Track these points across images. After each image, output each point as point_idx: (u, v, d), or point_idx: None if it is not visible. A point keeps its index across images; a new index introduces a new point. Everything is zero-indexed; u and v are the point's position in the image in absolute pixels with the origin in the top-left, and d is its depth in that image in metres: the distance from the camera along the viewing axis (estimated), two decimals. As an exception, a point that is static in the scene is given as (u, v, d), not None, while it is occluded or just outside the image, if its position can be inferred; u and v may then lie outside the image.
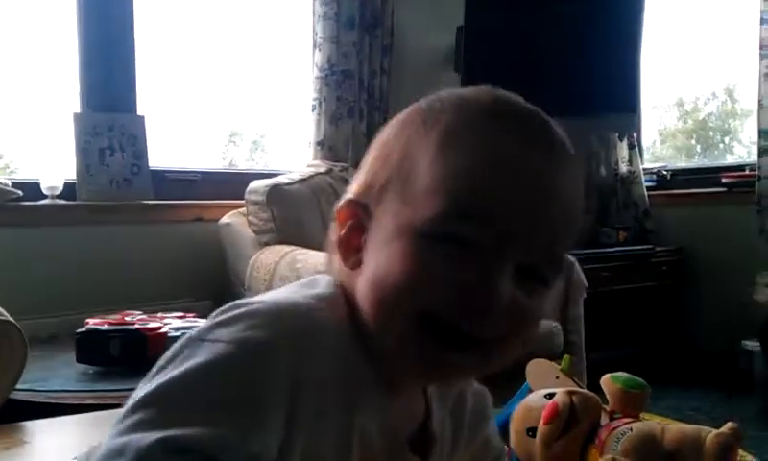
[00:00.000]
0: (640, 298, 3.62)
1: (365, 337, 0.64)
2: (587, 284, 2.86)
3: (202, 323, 1.80)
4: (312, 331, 0.61)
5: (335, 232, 0.68)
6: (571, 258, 2.86)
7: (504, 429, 1.58)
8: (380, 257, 0.63)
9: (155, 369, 0.57)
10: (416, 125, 0.66)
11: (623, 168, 3.95)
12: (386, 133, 0.69)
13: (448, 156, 0.62)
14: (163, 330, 1.85)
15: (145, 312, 2.04)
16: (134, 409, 0.53)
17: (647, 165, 4.03)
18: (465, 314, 0.60)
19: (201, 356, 0.56)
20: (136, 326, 1.86)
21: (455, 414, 0.76)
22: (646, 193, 3.91)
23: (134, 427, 0.51)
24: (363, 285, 0.64)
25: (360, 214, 0.66)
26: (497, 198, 0.60)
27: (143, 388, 0.55)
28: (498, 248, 0.60)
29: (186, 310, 2.14)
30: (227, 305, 0.62)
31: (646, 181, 3.94)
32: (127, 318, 1.94)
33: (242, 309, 0.60)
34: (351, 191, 0.69)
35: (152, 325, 1.87)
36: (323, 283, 0.68)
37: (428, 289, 0.60)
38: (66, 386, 1.72)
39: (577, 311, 2.82)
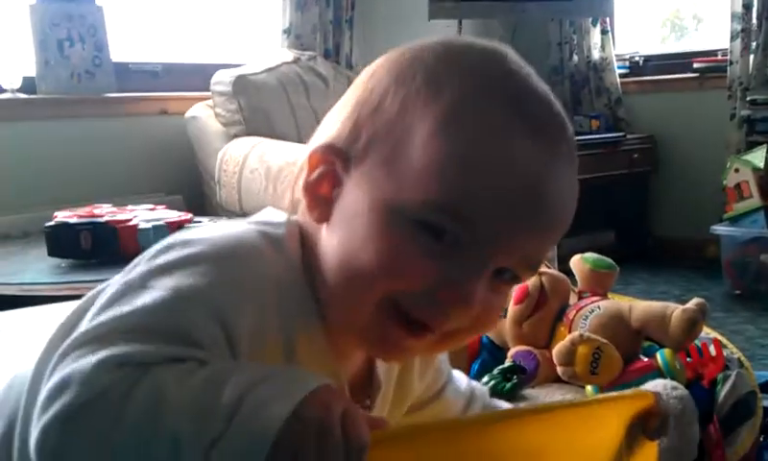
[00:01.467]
0: (612, 185, 3.65)
1: (314, 287, 0.62)
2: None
3: (172, 213, 1.76)
4: (251, 278, 0.58)
5: (303, 174, 0.62)
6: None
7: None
8: (355, 228, 0.58)
9: (89, 315, 0.55)
10: (416, 87, 0.59)
11: (595, 55, 3.91)
12: (377, 77, 0.62)
13: (446, 140, 0.56)
14: (133, 223, 1.83)
15: (114, 205, 2.02)
16: (72, 348, 0.51)
17: (619, 51, 3.99)
18: (432, 309, 0.58)
19: (140, 301, 0.54)
20: (106, 218, 1.84)
21: None
22: (618, 80, 3.89)
23: (74, 361, 0.50)
24: (330, 249, 0.60)
25: (336, 165, 0.60)
26: (490, 199, 0.56)
27: (79, 330, 0.53)
28: (482, 250, 0.57)
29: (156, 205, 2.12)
30: (166, 243, 0.59)
31: (618, 67, 3.91)
32: (96, 211, 1.92)
33: (182, 253, 0.57)
34: (329, 134, 0.62)
35: (121, 217, 1.86)
36: (276, 223, 0.64)
37: (401, 278, 0.57)
38: (39, 279, 1.72)
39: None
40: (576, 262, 1.55)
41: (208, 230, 0.61)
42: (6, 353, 1.20)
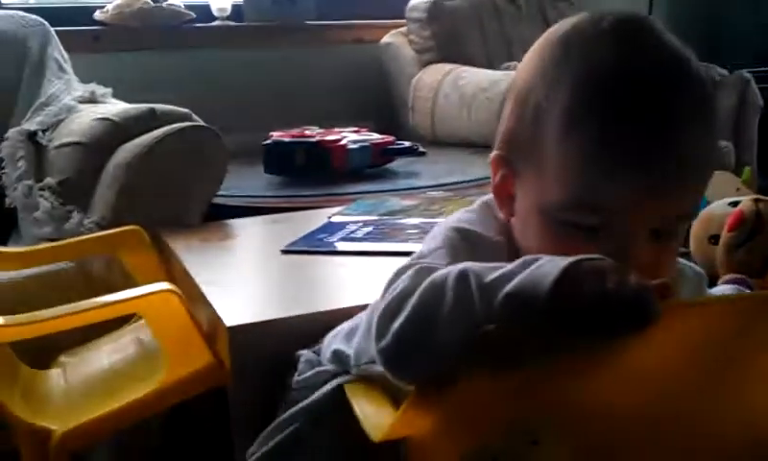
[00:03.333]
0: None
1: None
2: (762, 104, 2.71)
3: (375, 136, 1.85)
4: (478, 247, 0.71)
5: (491, 178, 0.73)
6: (747, 76, 2.71)
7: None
8: (526, 227, 0.69)
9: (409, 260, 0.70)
10: (542, 85, 0.66)
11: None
12: (522, 78, 0.69)
13: (570, 142, 0.63)
14: (343, 143, 1.93)
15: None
16: (396, 276, 0.65)
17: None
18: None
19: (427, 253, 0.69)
20: (317, 138, 1.94)
21: None
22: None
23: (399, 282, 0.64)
24: (518, 238, 0.71)
25: (508, 170, 0.71)
26: (614, 185, 0.62)
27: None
28: (622, 224, 0.63)
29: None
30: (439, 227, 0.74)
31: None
32: (307, 132, 2.03)
33: (437, 241, 0.71)
34: (501, 136, 0.72)
35: (331, 137, 1.96)
36: (490, 213, 0.76)
37: None
38: (259, 192, 1.85)
39: (751, 133, 2.70)
40: (798, 189, 1.48)
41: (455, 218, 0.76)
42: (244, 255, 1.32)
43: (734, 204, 1.52)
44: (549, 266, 0.53)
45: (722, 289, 0.81)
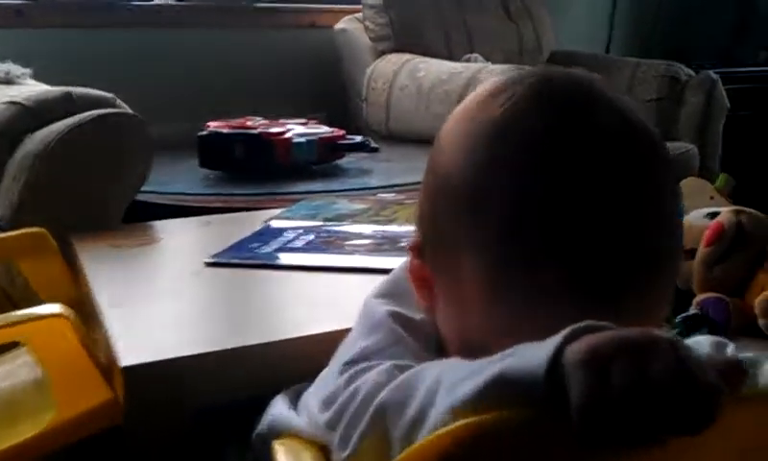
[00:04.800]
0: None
1: None
2: (728, 105, 2.64)
3: (324, 129, 1.70)
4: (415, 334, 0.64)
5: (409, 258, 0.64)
6: (714, 76, 2.64)
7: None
8: (449, 338, 0.62)
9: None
10: (465, 194, 0.55)
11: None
12: (445, 156, 0.58)
13: (481, 286, 0.55)
14: (288, 136, 1.77)
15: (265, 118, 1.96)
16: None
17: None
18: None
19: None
20: (259, 130, 1.78)
21: None
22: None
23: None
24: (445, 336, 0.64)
25: (425, 265, 0.61)
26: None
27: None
28: None
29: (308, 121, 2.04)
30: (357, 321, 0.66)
31: (797, -10, 3.55)
32: (248, 123, 1.87)
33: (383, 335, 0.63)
34: (416, 220, 0.63)
35: (275, 130, 1.80)
36: None
37: None
38: (191, 189, 1.69)
39: (715, 134, 2.62)
40: (782, 202, 1.38)
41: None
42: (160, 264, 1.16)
43: (713, 215, 1.40)
44: (542, 345, 0.38)
45: (696, 341, 0.66)
